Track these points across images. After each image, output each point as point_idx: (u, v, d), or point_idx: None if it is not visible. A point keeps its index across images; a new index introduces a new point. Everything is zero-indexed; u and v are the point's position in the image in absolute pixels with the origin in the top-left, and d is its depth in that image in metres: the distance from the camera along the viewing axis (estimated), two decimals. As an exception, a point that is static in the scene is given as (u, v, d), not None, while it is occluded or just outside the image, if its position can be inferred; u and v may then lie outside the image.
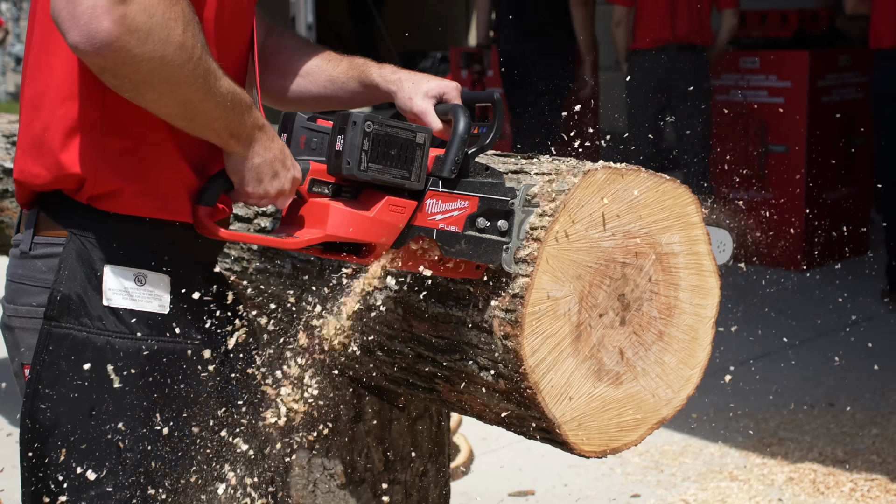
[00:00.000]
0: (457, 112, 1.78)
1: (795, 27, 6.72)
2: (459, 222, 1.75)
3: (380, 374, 2.12)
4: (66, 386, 1.68)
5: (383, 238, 1.71)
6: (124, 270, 1.70)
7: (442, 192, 1.74)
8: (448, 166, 1.73)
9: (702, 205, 1.89)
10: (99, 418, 1.69)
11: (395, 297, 1.94)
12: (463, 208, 1.75)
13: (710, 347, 1.97)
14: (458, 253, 1.75)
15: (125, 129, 1.67)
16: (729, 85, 6.78)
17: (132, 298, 1.70)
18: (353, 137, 1.66)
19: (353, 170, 1.67)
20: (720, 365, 4.89)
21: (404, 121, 1.85)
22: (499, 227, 1.76)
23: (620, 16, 6.40)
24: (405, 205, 1.72)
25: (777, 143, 6.66)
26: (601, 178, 1.80)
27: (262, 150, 1.67)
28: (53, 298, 1.68)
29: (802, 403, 4.55)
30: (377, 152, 1.68)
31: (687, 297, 1.92)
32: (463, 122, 1.76)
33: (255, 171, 1.68)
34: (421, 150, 1.72)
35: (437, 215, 1.74)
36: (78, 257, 1.69)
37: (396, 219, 1.71)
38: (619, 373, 1.87)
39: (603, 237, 1.81)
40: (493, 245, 1.76)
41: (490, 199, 1.76)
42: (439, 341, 1.89)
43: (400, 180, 1.70)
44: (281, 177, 1.69)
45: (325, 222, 1.69)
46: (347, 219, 1.70)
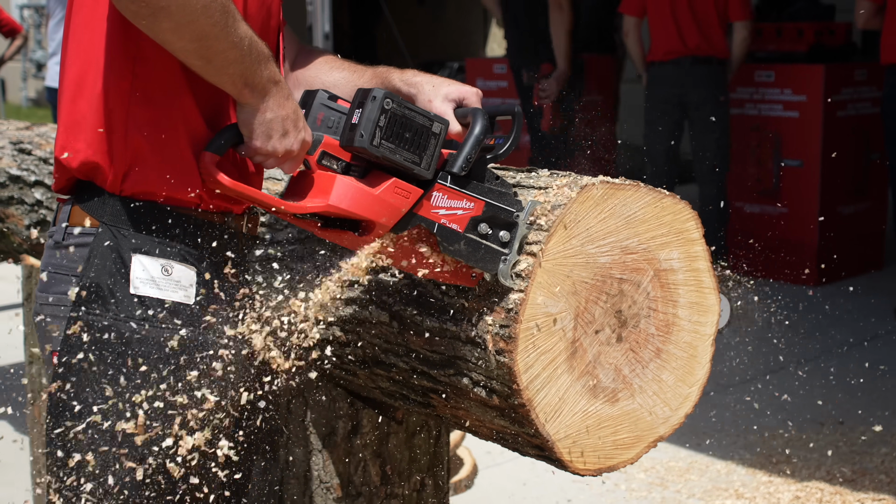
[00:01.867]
0: (476, 114, 1.78)
1: (811, 41, 6.68)
2: (462, 222, 1.73)
3: (376, 387, 2.10)
4: (90, 371, 1.71)
5: (384, 218, 1.69)
6: (152, 260, 1.74)
7: (450, 187, 1.73)
8: (460, 162, 1.72)
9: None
10: (122, 404, 1.71)
11: (390, 311, 1.92)
12: (468, 209, 1.74)
13: (709, 365, 1.94)
14: (455, 252, 1.73)
15: (151, 98, 1.71)
16: (744, 98, 6.75)
17: (159, 288, 1.73)
18: (370, 111, 1.66)
19: (365, 143, 1.65)
20: (729, 381, 4.86)
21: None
22: (500, 237, 1.74)
23: (629, 26, 6.37)
24: (411, 190, 1.70)
25: (792, 158, 6.62)
26: (598, 192, 1.78)
27: (276, 106, 1.68)
28: (83, 286, 1.73)
29: (812, 421, 4.50)
30: (392, 131, 1.67)
31: (686, 315, 1.90)
32: (481, 123, 1.76)
33: (266, 125, 1.68)
34: (436, 139, 1.71)
35: (441, 209, 1.72)
36: (108, 247, 1.73)
37: (400, 202, 1.70)
38: (615, 390, 1.84)
39: (600, 253, 1.79)
40: (492, 253, 1.74)
41: (496, 206, 1.75)
42: (434, 356, 1.87)
43: (410, 164, 1.69)
44: (291, 136, 1.70)
45: (328, 192, 1.68)
46: (351, 191, 1.68)
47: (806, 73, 6.53)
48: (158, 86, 1.72)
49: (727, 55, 6.29)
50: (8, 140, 3.31)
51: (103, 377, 1.71)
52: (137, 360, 1.71)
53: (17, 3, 16.58)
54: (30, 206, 3.11)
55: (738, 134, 6.70)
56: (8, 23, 9.58)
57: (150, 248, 1.74)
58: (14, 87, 17.21)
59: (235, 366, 1.80)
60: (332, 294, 1.78)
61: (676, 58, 6.21)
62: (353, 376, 2.12)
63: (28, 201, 3.12)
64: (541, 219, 1.76)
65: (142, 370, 1.71)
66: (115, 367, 1.71)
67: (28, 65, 16.61)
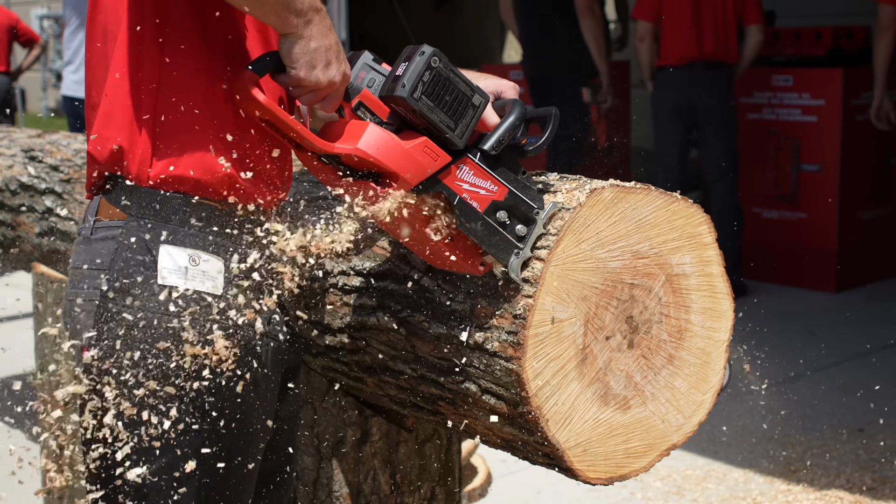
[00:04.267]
0: (514, 104, 1.76)
1: (829, 45, 6.63)
2: (483, 202, 1.71)
3: (384, 395, 2.07)
4: (120, 363, 1.70)
5: (409, 173, 1.66)
6: (179, 251, 1.72)
7: (478, 164, 1.71)
8: (492, 142, 1.70)
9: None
10: (147, 394, 1.70)
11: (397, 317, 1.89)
12: (491, 192, 1.71)
13: (723, 372, 1.91)
14: (471, 231, 1.70)
15: (179, 88, 1.71)
16: (762, 103, 6.70)
17: (186, 278, 1.72)
18: (417, 64, 1.64)
19: (405, 93, 1.63)
20: (747, 388, 4.81)
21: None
22: (517, 230, 1.72)
23: (644, 31, 6.33)
24: (440, 154, 1.68)
25: (810, 163, 6.57)
26: (608, 196, 1.74)
27: (319, 35, 1.66)
28: (111, 279, 1.71)
29: (831, 428, 4.45)
30: (433, 90, 1.65)
31: (699, 320, 1.86)
32: (517, 111, 1.74)
33: (309, 54, 1.65)
34: (474, 110, 1.69)
35: (465, 183, 1.70)
36: (135, 239, 1.72)
37: (427, 162, 1.67)
38: (626, 397, 1.81)
39: (610, 257, 1.76)
40: (506, 243, 1.71)
41: (519, 197, 1.72)
42: (441, 362, 1.85)
43: (444, 127, 1.66)
44: (333, 67, 1.67)
45: (358, 138, 1.66)
46: (381, 139, 1.65)
47: (824, 77, 6.48)
48: (186, 74, 1.71)
49: (737, 60, 6.25)
50: (19, 148, 3.30)
51: (135, 370, 1.70)
52: (168, 352, 1.70)
53: (37, 14, 16.66)
54: (40, 214, 3.10)
55: (756, 139, 6.65)
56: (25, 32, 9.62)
57: (178, 239, 1.72)
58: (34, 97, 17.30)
59: (269, 356, 1.79)
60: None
61: (689, 62, 6.17)
62: (362, 384, 2.10)
63: (38, 209, 3.11)
64: (550, 223, 1.73)
65: (173, 362, 1.70)
66: (146, 360, 1.70)
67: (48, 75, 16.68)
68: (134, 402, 1.70)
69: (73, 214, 2.98)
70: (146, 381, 1.69)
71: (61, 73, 6.24)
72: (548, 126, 1.79)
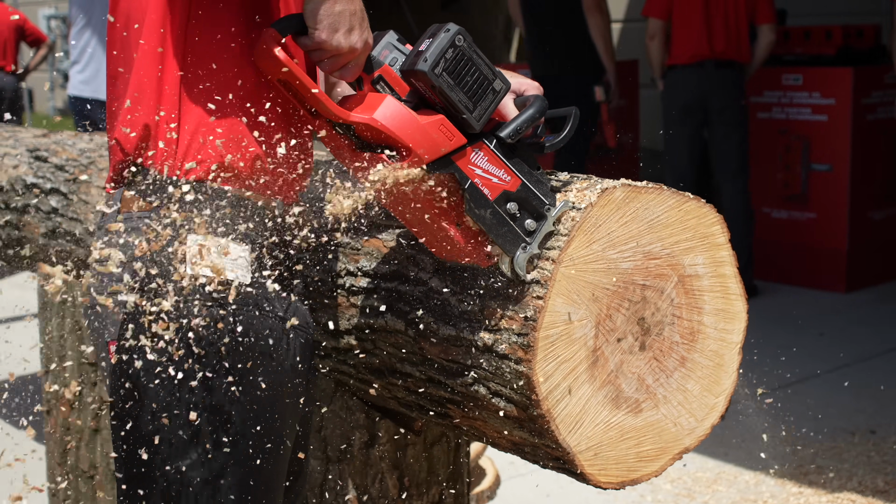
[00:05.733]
0: (536, 98, 1.74)
1: (840, 43, 6.59)
2: (494, 191, 1.68)
3: (392, 397, 2.04)
4: (149, 357, 1.68)
5: (422, 149, 1.63)
6: (207, 239, 1.70)
7: (493, 150, 1.69)
8: (510, 130, 1.68)
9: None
10: (181, 386, 1.68)
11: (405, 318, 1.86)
12: (504, 181, 1.69)
13: (736, 374, 1.88)
14: (480, 218, 1.67)
15: (204, 77, 1.70)
16: (771, 102, 6.66)
17: (216, 268, 1.69)
18: (441, 41, 1.62)
19: (426, 68, 1.61)
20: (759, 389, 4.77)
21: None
22: (527, 225, 1.69)
23: (655, 29, 6.29)
24: (455, 134, 1.65)
25: (820, 162, 6.53)
26: (620, 196, 1.71)
27: (345, 0, 1.64)
28: (138, 271, 1.69)
29: (843, 430, 4.41)
30: (455, 68, 1.63)
31: (711, 322, 1.83)
32: (538, 104, 1.72)
33: (333, 17, 1.63)
34: (494, 95, 1.67)
35: (477, 168, 1.68)
36: (163, 230, 1.70)
37: (442, 140, 1.64)
38: (638, 400, 1.78)
39: (622, 258, 1.73)
40: (514, 235, 1.69)
41: (531, 190, 1.70)
42: (450, 365, 1.82)
43: (462, 107, 1.64)
44: (356, 33, 1.65)
45: (375, 109, 1.63)
46: (398, 112, 1.63)
47: (834, 76, 6.44)
48: (212, 62, 1.71)
49: (748, 59, 6.21)
50: (25, 147, 3.28)
51: (166, 361, 1.68)
52: (200, 342, 1.67)
53: (45, 14, 16.67)
54: (45, 214, 3.08)
55: (766, 138, 6.61)
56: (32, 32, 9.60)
57: (206, 228, 1.71)
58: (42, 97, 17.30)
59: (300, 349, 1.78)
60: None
61: (700, 61, 6.13)
62: (369, 386, 2.07)
63: (44, 209, 3.08)
64: (560, 223, 1.70)
65: (202, 352, 1.68)
66: (175, 351, 1.68)
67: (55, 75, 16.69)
68: (162, 399, 1.67)
69: (78, 214, 2.95)
70: (177, 376, 1.67)
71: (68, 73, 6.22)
72: (567, 124, 1.77)
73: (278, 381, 1.74)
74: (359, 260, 1.96)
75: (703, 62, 6.13)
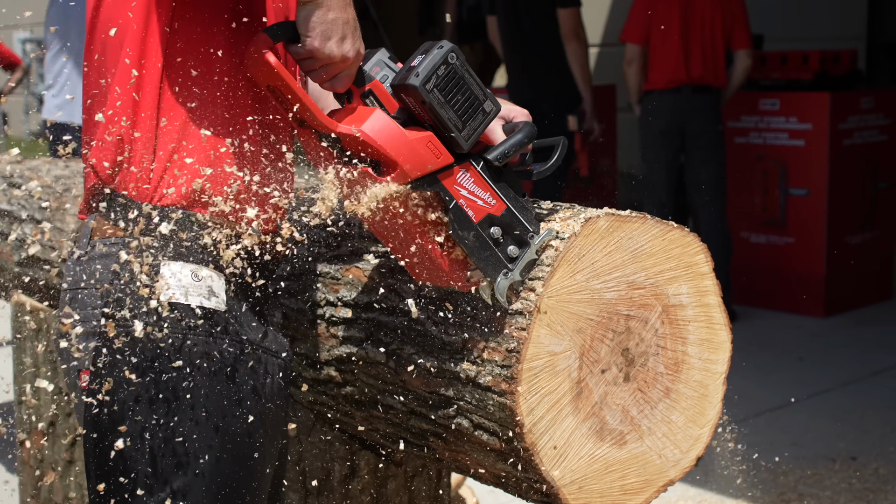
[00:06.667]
0: (525, 124, 1.73)
1: (816, 68, 6.62)
2: (479, 213, 1.66)
3: (373, 429, 2.01)
4: (125, 384, 1.64)
5: (408, 164, 1.61)
6: (181, 266, 1.67)
7: (479, 172, 1.67)
8: (497, 153, 1.67)
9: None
10: (157, 413, 1.65)
11: (387, 349, 1.83)
12: (489, 204, 1.67)
13: (720, 405, 1.86)
14: (463, 240, 1.65)
15: (181, 100, 1.68)
16: (748, 127, 6.68)
17: (189, 294, 1.67)
18: (433, 57, 1.61)
19: (417, 83, 1.59)
20: (738, 415, 4.76)
21: None
22: (509, 251, 1.67)
23: (633, 54, 6.30)
24: (443, 152, 1.64)
25: (798, 187, 6.54)
26: (603, 225, 1.69)
27: (339, 8, 1.62)
28: (111, 297, 1.66)
29: (823, 457, 4.40)
30: (446, 86, 1.62)
31: (696, 352, 1.81)
32: (528, 129, 1.71)
33: (326, 25, 1.62)
34: (483, 116, 1.66)
35: (463, 189, 1.66)
36: (134, 255, 1.67)
37: (429, 157, 1.62)
38: (622, 432, 1.76)
39: (606, 288, 1.70)
40: (496, 260, 1.66)
41: (516, 216, 1.68)
42: (432, 397, 1.79)
43: (451, 125, 1.63)
44: (348, 42, 1.64)
45: (363, 121, 1.62)
46: (386, 125, 1.61)
47: (811, 101, 6.46)
48: (192, 87, 1.69)
49: (725, 84, 6.23)
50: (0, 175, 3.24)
51: (136, 389, 1.64)
52: (170, 370, 1.64)
53: (20, 38, 16.60)
54: (19, 242, 3.04)
55: (744, 163, 6.62)
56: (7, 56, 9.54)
57: (180, 254, 1.68)
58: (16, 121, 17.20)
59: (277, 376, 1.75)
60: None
61: (678, 86, 6.14)
62: (350, 417, 2.04)
63: (18, 237, 3.04)
64: (543, 253, 1.68)
65: (175, 379, 1.64)
66: (148, 379, 1.64)
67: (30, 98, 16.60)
68: (137, 426, 1.64)
69: (53, 242, 2.91)
70: (151, 403, 1.64)
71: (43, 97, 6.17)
72: (555, 153, 1.76)
73: (254, 410, 1.71)
74: (339, 290, 1.93)
75: (680, 87, 6.15)
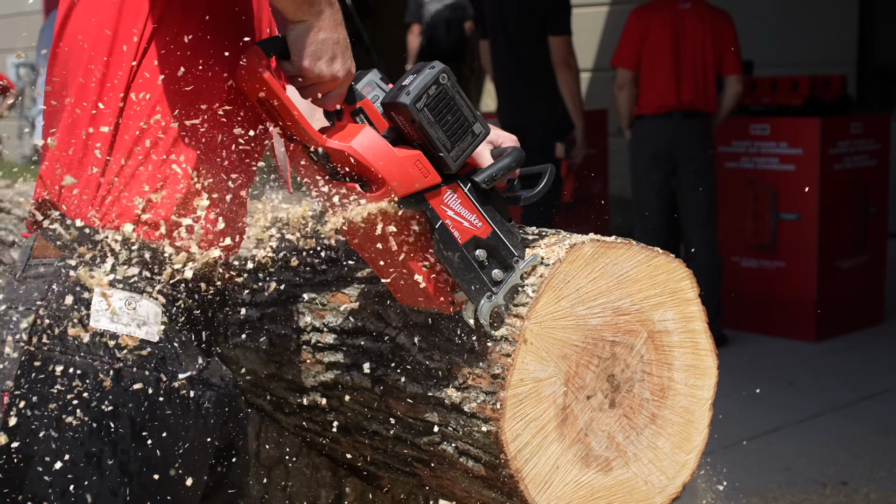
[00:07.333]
0: (514, 149, 1.74)
1: (806, 94, 6.64)
2: (465, 234, 1.67)
3: (359, 455, 2.00)
4: (45, 410, 1.60)
5: (396, 182, 1.61)
6: (114, 292, 1.63)
7: (467, 194, 1.67)
8: (485, 175, 1.68)
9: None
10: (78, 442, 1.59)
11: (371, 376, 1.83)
12: (475, 226, 1.67)
13: (707, 430, 1.86)
14: (448, 261, 1.65)
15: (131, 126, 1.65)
16: (739, 152, 6.70)
17: (120, 323, 1.62)
18: (425, 77, 1.62)
19: (408, 101, 1.60)
20: (728, 440, 4.75)
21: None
22: (494, 275, 1.67)
23: (624, 79, 6.32)
24: (430, 171, 1.64)
25: (789, 211, 6.55)
26: (588, 251, 1.70)
27: (329, 27, 1.62)
28: (39, 320, 1.62)
29: (814, 482, 4.38)
30: (437, 105, 1.62)
31: (682, 378, 1.81)
32: (516, 154, 1.72)
33: (317, 45, 1.62)
34: (473, 138, 1.66)
35: (450, 210, 1.66)
36: (69, 278, 1.63)
37: (417, 176, 1.63)
38: (608, 458, 1.75)
39: (591, 314, 1.71)
40: (481, 283, 1.66)
41: (502, 240, 1.68)
42: (417, 423, 1.78)
43: (440, 145, 1.63)
44: (339, 62, 1.64)
45: (353, 137, 1.62)
46: (375, 143, 1.61)
47: (802, 126, 6.48)
48: (154, 110, 1.66)
49: (715, 109, 6.26)
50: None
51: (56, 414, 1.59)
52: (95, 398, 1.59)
53: (13, 63, 16.62)
54: (6, 267, 3.03)
55: (735, 188, 6.64)
56: (0, 80, 9.56)
57: (115, 280, 1.63)
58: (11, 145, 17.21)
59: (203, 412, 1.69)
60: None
61: (668, 111, 6.16)
62: (336, 444, 2.03)
63: (6, 261, 3.03)
64: (528, 279, 1.68)
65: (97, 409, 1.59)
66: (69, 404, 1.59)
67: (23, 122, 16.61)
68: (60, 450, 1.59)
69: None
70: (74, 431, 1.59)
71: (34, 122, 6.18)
72: (542, 179, 1.77)
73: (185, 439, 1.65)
74: (325, 315, 1.93)
75: (670, 112, 6.16)
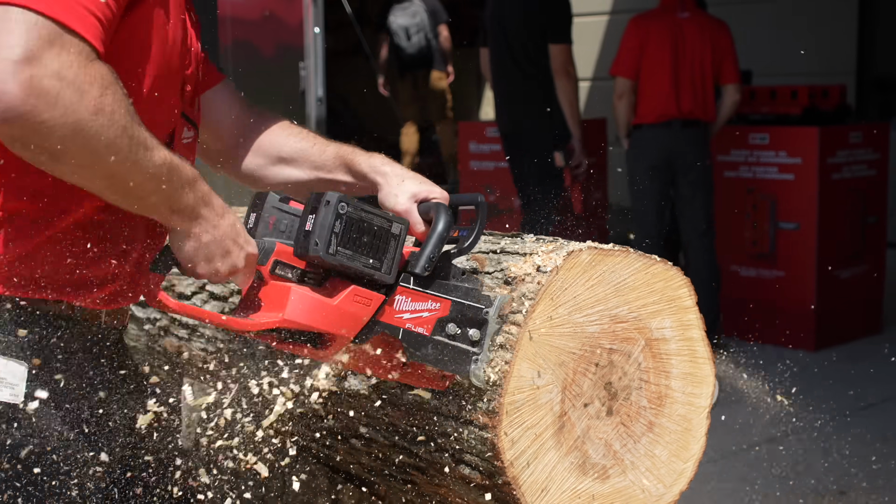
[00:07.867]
0: (438, 210, 1.70)
1: (805, 103, 6.65)
2: (429, 324, 1.64)
3: (356, 462, 2.00)
4: None
5: (343, 329, 1.60)
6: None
7: (413, 289, 1.64)
8: (422, 263, 1.64)
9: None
10: None
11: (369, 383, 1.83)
12: (434, 310, 1.65)
13: (704, 439, 1.85)
14: (423, 357, 1.64)
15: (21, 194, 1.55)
16: (738, 161, 6.70)
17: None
18: (324, 217, 1.57)
19: (320, 251, 1.56)
20: (727, 449, 4.75)
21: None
22: (470, 335, 1.64)
23: (623, 88, 6.33)
24: (372, 297, 1.61)
25: (787, 220, 6.56)
26: (586, 259, 1.70)
27: (211, 228, 1.56)
28: None
29: (813, 491, 4.38)
30: (348, 237, 1.58)
31: (679, 386, 1.81)
32: (444, 220, 1.68)
33: (203, 249, 1.57)
34: (396, 241, 1.62)
35: (405, 314, 1.63)
36: None
37: (361, 311, 1.61)
38: (605, 466, 1.75)
39: (588, 322, 1.71)
40: (460, 354, 1.64)
41: (463, 304, 1.65)
42: (414, 430, 1.78)
43: (370, 270, 1.60)
44: (233, 255, 1.59)
45: (283, 306, 1.58)
46: (308, 304, 1.58)
47: (801, 135, 6.49)
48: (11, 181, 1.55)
49: (714, 118, 6.27)
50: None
51: None
52: None
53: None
54: None
55: (734, 197, 6.64)
56: None
57: None
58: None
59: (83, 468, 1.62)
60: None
61: (667, 120, 6.17)
62: (333, 451, 2.03)
63: None
64: (526, 286, 1.68)
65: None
66: None
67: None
68: None
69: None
70: None
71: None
72: (477, 218, 1.72)
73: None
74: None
75: (669, 121, 6.17)
